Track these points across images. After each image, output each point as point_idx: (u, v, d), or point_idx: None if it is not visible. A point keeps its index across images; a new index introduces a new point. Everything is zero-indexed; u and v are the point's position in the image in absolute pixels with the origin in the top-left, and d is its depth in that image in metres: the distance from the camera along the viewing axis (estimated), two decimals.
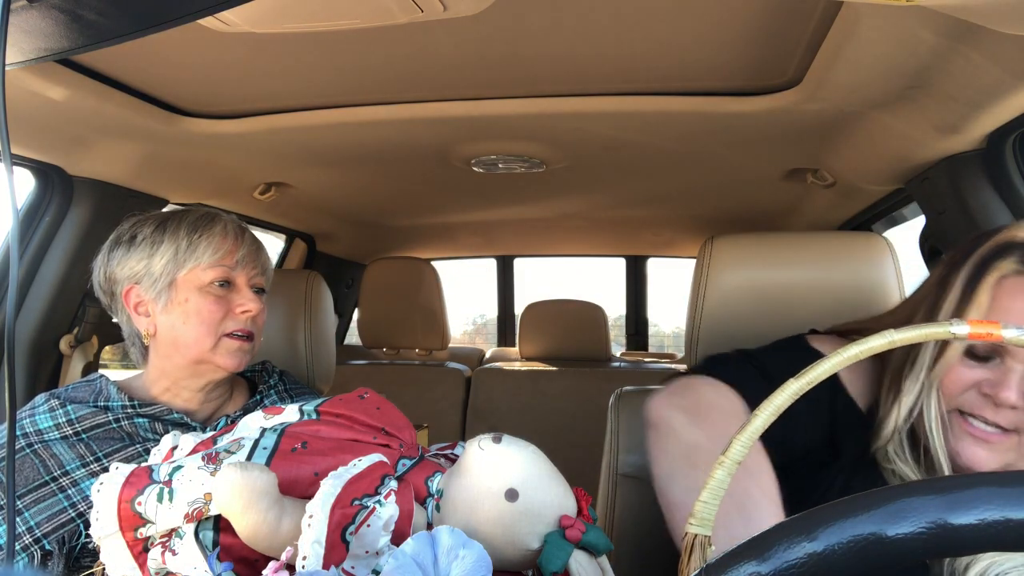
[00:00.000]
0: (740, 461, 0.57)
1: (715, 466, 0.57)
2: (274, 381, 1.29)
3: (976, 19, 0.81)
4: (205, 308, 1.11)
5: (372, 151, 1.69)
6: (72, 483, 1.03)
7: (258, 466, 0.69)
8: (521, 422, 2.52)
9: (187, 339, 1.12)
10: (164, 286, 1.12)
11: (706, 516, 0.55)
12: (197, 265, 1.12)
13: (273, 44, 1.13)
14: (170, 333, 1.13)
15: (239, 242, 1.17)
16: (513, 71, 1.26)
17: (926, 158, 1.37)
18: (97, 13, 0.65)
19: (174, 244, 1.13)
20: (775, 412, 0.58)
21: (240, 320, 1.14)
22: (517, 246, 3.48)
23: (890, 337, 0.61)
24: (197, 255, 1.13)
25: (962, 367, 0.87)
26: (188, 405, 1.16)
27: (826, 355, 0.61)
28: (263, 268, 1.21)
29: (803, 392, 0.59)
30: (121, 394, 1.12)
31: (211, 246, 1.14)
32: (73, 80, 1.19)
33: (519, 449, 0.70)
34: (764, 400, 0.58)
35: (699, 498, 0.56)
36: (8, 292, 0.81)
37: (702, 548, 0.54)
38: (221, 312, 1.12)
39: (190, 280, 1.12)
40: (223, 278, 1.14)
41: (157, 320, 1.13)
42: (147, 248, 1.14)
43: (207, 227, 1.16)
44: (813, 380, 0.60)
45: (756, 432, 0.58)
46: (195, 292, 1.12)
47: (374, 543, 0.64)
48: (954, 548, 0.39)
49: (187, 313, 1.11)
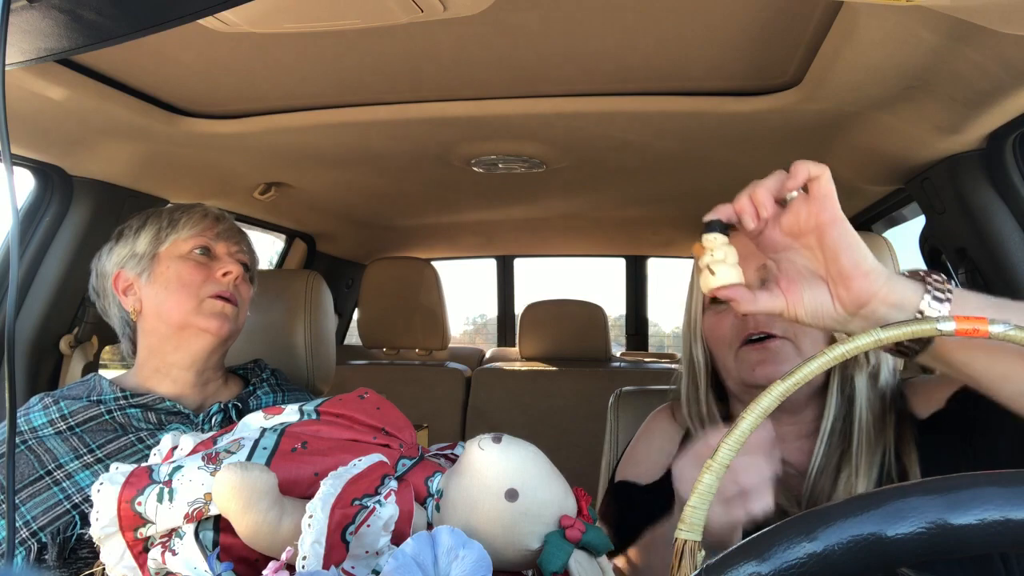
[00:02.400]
0: (728, 464, 0.57)
1: (703, 470, 0.57)
2: (266, 375, 1.30)
3: (976, 19, 0.81)
4: (185, 272, 1.15)
5: (372, 151, 1.69)
6: (66, 476, 1.04)
7: (258, 466, 0.69)
8: (521, 422, 2.52)
9: (169, 304, 1.14)
10: (147, 262, 1.17)
11: (695, 521, 0.55)
12: (178, 238, 1.17)
13: (273, 44, 1.13)
14: (154, 304, 1.16)
15: (219, 221, 1.23)
16: (513, 71, 1.26)
17: (926, 158, 1.37)
18: (97, 13, 0.65)
19: (156, 226, 1.19)
20: (762, 414, 0.58)
21: (221, 283, 1.16)
22: (517, 246, 3.48)
23: (877, 335, 0.61)
24: (177, 230, 1.18)
25: (714, 317, 1.04)
26: (177, 389, 1.16)
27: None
28: (247, 248, 1.25)
29: (789, 393, 0.59)
30: (113, 387, 1.13)
31: (191, 221, 1.19)
32: (73, 80, 1.19)
33: (519, 449, 0.70)
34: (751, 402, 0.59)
35: (688, 503, 0.56)
36: (8, 292, 0.81)
37: (692, 554, 0.54)
38: (201, 275, 1.15)
39: (171, 252, 1.17)
40: (203, 245, 1.18)
41: (142, 294, 1.17)
42: (131, 236, 1.19)
43: (187, 209, 1.22)
44: (799, 380, 0.60)
45: (743, 435, 0.58)
46: (176, 260, 1.16)
47: (374, 543, 0.64)
48: (954, 548, 0.39)
49: (168, 280, 1.15)
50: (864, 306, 0.70)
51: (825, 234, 0.70)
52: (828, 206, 0.70)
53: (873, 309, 0.70)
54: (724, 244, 0.74)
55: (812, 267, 0.73)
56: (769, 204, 0.72)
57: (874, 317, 0.70)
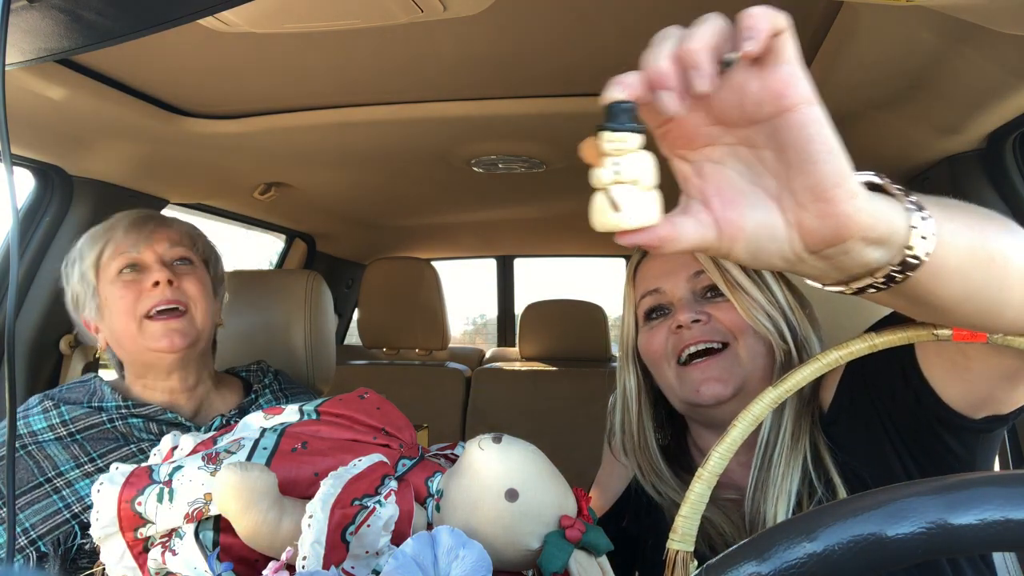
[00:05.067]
0: (719, 473, 0.57)
1: (694, 480, 0.57)
2: (269, 380, 1.29)
3: (976, 19, 0.81)
4: (115, 295, 1.12)
5: (372, 151, 1.69)
6: (66, 484, 1.03)
7: (258, 466, 0.69)
8: (521, 422, 2.51)
9: (118, 332, 1.12)
10: (92, 298, 1.14)
11: (687, 532, 0.55)
12: (103, 264, 1.14)
13: (273, 44, 1.13)
14: (110, 336, 1.14)
15: (125, 222, 1.17)
16: (513, 71, 1.25)
17: (926, 158, 1.37)
18: (97, 13, 0.65)
19: (75, 264, 1.16)
20: (754, 421, 0.58)
21: (154, 295, 1.11)
22: (517, 246, 3.48)
23: (871, 341, 0.60)
24: (96, 256, 1.14)
25: (647, 334, 0.98)
26: (169, 398, 1.15)
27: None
28: (176, 240, 1.18)
29: (781, 400, 0.59)
30: (115, 394, 1.12)
31: (106, 241, 1.15)
32: (73, 80, 1.19)
33: (519, 449, 0.70)
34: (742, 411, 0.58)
35: (679, 513, 0.56)
36: (8, 292, 0.81)
37: (684, 564, 0.54)
38: (132, 294, 1.11)
39: (104, 279, 1.14)
40: (128, 263, 1.13)
41: (103, 330, 1.15)
42: (66, 283, 1.18)
43: (97, 232, 1.17)
44: (792, 387, 0.60)
45: (735, 443, 0.58)
46: (109, 287, 1.13)
47: (374, 543, 0.64)
48: (954, 548, 0.39)
49: (108, 310, 1.13)
50: (838, 243, 0.47)
51: (790, 126, 0.45)
52: (795, 81, 0.44)
53: (848, 248, 0.48)
54: (637, 149, 0.45)
55: (755, 177, 0.49)
56: (708, 69, 0.44)
57: (847, 257, 0.49)
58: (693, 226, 0.49)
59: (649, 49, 0.46)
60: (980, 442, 0.79)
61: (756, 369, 0.94)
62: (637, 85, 0.46)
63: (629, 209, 0.46)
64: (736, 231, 0.49)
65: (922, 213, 0.49)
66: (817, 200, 0.46)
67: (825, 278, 0.52)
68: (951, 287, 0.53)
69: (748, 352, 0.93)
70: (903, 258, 0.49)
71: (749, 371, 0.94)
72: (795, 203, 0.47)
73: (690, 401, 0.95)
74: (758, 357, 0.94)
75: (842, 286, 0.53)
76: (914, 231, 0.49)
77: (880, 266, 0.50)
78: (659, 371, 0.99)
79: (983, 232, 0.53)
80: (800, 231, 0.48)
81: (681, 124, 0.48)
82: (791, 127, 0.45)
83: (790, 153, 0.46)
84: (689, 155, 0.50)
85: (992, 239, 0.53)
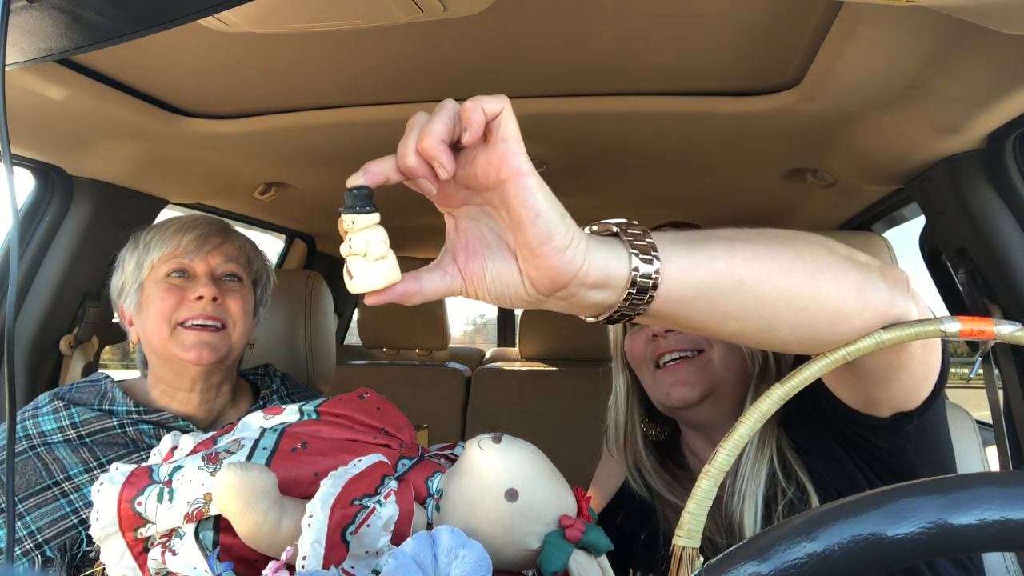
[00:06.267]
0: (726, 470, 0.57)
1: (700, 476, 0.57)
2: (276, 385, 1.29)
3: (976, 19, 0.81)
4: (158, 298, 1.12)
5: (372, 151, 1.68)
6: (74, 488, 1.02)
7: (258, 466, 0.69)
8: (521, 422, 2.51)
9: (149, 333, 1.13)
10: (136, 292, 1.15)
11: (693, 528, 0.55)
12: (154, 263, 1.15)
13: (273, 44, 1.13)
14: (143, 333, 1.15)
15: (194, 233, 1.17)
16: (513, 71, 1.25)
17: (926, 158, 1.37)
18: (97, 13, 0.65)
19: (135, 252, 1.17)
20: (761, 418, 0.58)
21: (195, 307, 1.11)
22: None
23: (879, 337, 0.60)
24: (151, 254, 1.15)
25: (631, 338, 1.03)
26: (186, 409, 1.15)
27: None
28: (233, 256, 1.19)
29: (789, 397, 0.59)
30: (127, 398, 1.11)
31: (163, 241, 1.16)
32: (73, 80, 1.19)
33: (519, 449, 0.70)
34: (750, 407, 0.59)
35: (686, 509, 0.56)
36: (8, 292, 0.80)
37: (690, 560, 0.54)
38: (173, 299, 1.12)
39: (152, 279, 1.15)
40: (178, 268, 1.14)
41: (137, 325, 1.16)
42: (120, 266, 1.19)
43: (160, 228, 1.19)
44: (799, 384, 0.59)
45: (742, 439, 0.58)
46: (154, 286, 1.14)
47: (374, 543, 0.64)
48: (954, 548, 0.39)
49: (148, 308, 1.13)
50: (559, 288, 0.56)
51: (507, 194, 0.53)
52: (509, 157, 0.53)
53: (572, 292, 0.56)
54: (371, 226, 0.56)
55: (502, 232, 0.58)
56: (447, 158, 0.54)
57: (576, 299, 0.57)
58: (439, 278, 0.60)
59: (402, 140, 0.56)
60: (908, 440, 0.79)
61: (729, 376, 0.99)
62: (378, 174, 0.57)
63: (358, 277, 0.56)
64: (478, 280, 0.59)
65: (646, 256, 0.56)
66: (532, 255, 0.55)
67: (575, 312, 0.61)
68: (698, 311, 0.59)
69: (721, 359, 0.98)
70: (627, 296, 0.56)
71: (721, 377, 0.98)
72: (521, 256, 0.57)
73: (661, 403, 1.01)
74: (732, 364, 0.98)
75: (594, 317, 0.61)
76: (635, 273, 0.56)
77: (610, 304, 0.58)
78: (640, 373, 1.05)
79: (731, 261, 0.58)
80: (529, 278, 0.57)
81: (442, 188, 0.58)
82: (507, 195, 0.54)
83: (511, 215, 0.55)
84: (453, 212, 0.61)
85: (741, 266, 0.58)
